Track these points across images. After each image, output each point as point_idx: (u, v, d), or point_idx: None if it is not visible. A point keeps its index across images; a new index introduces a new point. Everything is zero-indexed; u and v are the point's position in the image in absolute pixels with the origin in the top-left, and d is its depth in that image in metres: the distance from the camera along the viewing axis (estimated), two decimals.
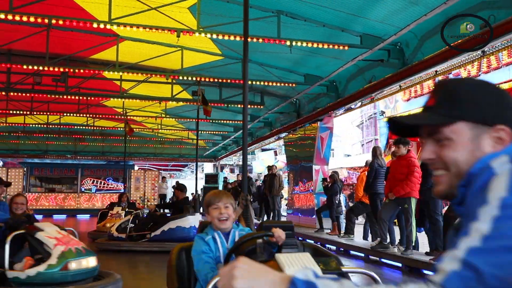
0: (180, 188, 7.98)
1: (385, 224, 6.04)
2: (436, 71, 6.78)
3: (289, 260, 1.62)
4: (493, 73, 10.72)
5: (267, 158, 26.51)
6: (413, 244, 5.84)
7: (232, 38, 6.19)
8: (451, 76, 7.70)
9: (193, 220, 7.37)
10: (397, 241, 6.33)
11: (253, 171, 26.93)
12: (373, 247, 6.35)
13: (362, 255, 6.75)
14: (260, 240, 1.91)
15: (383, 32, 6.23)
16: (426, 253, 5.75)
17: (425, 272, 5.11)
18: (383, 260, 6.11)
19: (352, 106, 9.80)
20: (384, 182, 6.53)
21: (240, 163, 17.18)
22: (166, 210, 9.32)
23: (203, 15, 6.40)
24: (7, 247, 3.69)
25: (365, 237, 7.95)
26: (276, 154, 28.01)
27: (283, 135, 13.03)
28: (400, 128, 1.12)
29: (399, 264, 5.68)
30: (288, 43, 6.19)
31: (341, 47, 6.35)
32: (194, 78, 9.29)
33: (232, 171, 30.63)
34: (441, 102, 1.01)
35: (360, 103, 9.40)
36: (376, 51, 6.58)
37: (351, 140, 41.06)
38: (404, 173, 5.77)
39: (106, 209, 10.75)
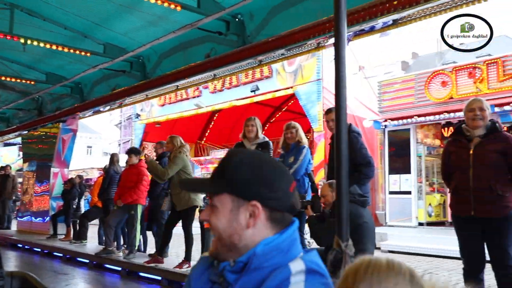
0: None
1: (110, 230, 6.27)
2: (177, 86, 7.46)
3: None
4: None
5: (7, 154, 23.40)
6: (136, 248, 6.23)
7: None
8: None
9: None
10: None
11: None
12: (98, 253, 6.48)
13: (87, 261, 6.78)
14: None
15: (126, 45, 6.46)
16: (149, 255, 6.23)
17: (142, 274, 5.57)
18: (106, 265, 6.32)
19: (101, 109, 9.72)
20: None
21: None
22: None
23: None
24: None
25: (100, 242, 8.01)
26: (21, 150, 25.05)
27: (25, 132, 11.84)
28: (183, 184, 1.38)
29: (119, 268, 5.99)
30: (22, 40, 5.77)
31: (83, 53, 6.28)
32: None
33: None
34: (217, 175, 1.13)
35: (109, 106, 9.43)
36: (120, 62, 6.78)
37: (109, 139, 40.11)
38: (134, 181, 6.13)
39: None
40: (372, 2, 4.21)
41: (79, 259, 7.04)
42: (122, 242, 6.74)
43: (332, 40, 5.28)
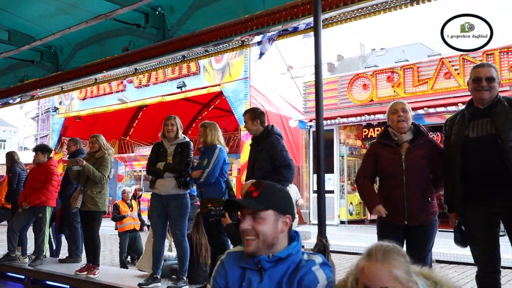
0: None
1: (14, 235, 5.75)
2: (96, 79, 7.00)
3: None
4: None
5: None
6: (44, 253, 5.77)
7: None
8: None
9: None
10: None
11: None
12: None
13: None
14: None
15: (34, 33, 5.92)
16: (60, 261, 5.79)
17: (49, 283, 5.14)
18: (8, 273, 5.77)
19: (10, 101, 8.92)
20: None
21: None
22: None
23: None
24: None
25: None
26: None
27: None
28: (233, 204, 1.93)
29: (23, 277, 5.50)
30: None
31: None
32: None
33: None
34: (262, 196, 1.74)
35: (19, 99, 8.67)
36: (29, 51, 6.21)
37: (26, 133, 37.53)
38: (42, 181, 5.66)
39: None
40: (294, 3, 4.17)
41: None
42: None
43: (257, 38, 5.24)
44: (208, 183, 4.39)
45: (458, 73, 10.30)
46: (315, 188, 12.17)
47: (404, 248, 3.36)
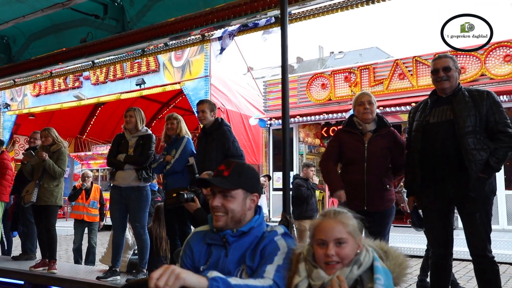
0: None
1: None
2: (51, 72, 6.81)
3: None
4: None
5: None
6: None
7: None
8: None
9: None
10: None
11: None
12: None
13: None
14: None
15: None
16: (13, 258, 5.60)
17: (2, 280, 4.96)
18: None
19: None
20: None
21: None
22: None
23: None
24: None
25: None
26: None
27: None
28: (202, 182, 2.00)
29: None
30: None
31: None
32: None
33: None
34: (232, 175, 1.82)
35: None
36: None
37: None
38: None
39: None
40: None
41: None
42: None
43: (218, 33, 5.27)
44: (175, 170, 4.41)
45: (412, 74, 10.74)
46: (275, 186, 12.34)
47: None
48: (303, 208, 7.10)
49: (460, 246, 3.65)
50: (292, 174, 12.25)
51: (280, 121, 12.17)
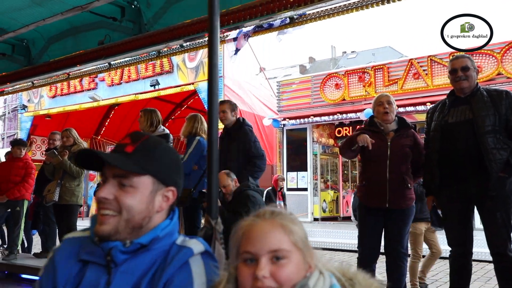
0: None
1: None
2: (69, 74, 6.93)
3: None
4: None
5: None
6: (18, 247, 5.69)
7: None
8: None
9: None
10: None
11: None
12: None
13: None
14: None
15: (5, 25, 5.83)
16: (35, 254, 5.72)
17: (24, 276, 5.07)
18: None
19: None
20: None
21: None
22: None
23: None
24: None
25: None
26: None
27: None
28: (87, 158, 1.17)
29: None
30: None
31: None
32: None
33: None
34: (139, 153, 1.13)
35: None
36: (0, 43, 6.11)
37: None
38: (21, 175, 5.64)
39: None
40: None
41: None
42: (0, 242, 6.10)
43: (233, 34, 5.31)
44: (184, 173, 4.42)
45: (426, 74, 10.66)
46: (289, 186, 12.36)
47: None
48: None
49: (477, 247, 3.63)
50: (306, 175, 12.26)
51: (294, 121, 12.15)
